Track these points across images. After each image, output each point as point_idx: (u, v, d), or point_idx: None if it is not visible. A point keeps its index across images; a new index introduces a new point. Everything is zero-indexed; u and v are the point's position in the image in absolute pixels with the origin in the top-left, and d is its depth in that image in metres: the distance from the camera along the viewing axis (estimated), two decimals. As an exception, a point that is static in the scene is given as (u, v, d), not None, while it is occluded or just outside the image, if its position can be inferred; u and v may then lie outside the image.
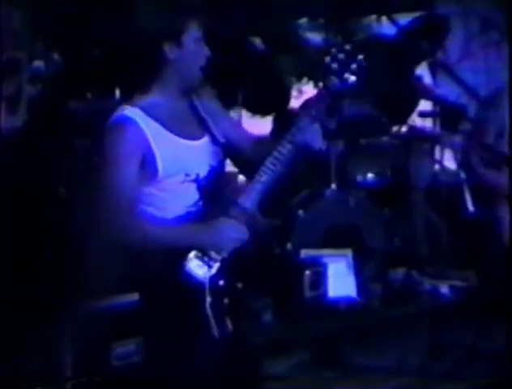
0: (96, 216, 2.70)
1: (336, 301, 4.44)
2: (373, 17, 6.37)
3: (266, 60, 5.24)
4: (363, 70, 2.66)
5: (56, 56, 5.66)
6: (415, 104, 5.12)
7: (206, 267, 2.66)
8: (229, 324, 2.65)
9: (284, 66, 5.77)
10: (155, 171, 2.64)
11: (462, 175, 4.38)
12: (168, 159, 2.65)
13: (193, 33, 2.69)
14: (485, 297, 4.57)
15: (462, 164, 4.44)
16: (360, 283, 4.51)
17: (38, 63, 5.59)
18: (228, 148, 2.82)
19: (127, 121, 2.64)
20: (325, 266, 4.39)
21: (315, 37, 6.48)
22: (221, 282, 2.67)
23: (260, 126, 5.39)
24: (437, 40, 5.21)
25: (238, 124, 3.02)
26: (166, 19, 2.71)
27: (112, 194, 2.64)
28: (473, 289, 4.70)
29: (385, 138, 4.98)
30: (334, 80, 2.69)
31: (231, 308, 2.67)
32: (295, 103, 6.37)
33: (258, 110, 5.23)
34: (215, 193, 2.72)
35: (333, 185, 4.69)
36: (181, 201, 2.70)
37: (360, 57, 2.66)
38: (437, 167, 5.06)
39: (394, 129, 5.14)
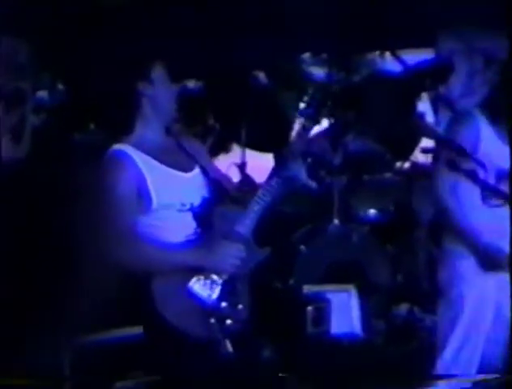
0: (97, 246, 2.72)
1: (339, 338, 4.43)
2: (377, 53, 6.43)
3: (269, 95, 5.27)
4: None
5: (60, 86, 5.71)
6: (417, 140, 5.14)
7: (208, 290, 2.77)
8: (230, 346, 2.75)
9: (287, 100, 5.81)
10: (149, 201, 2.75)
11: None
12: (161, 188, 2.77)
13: (159, 71, 2.86)
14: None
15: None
16: (363, 319, 4.49)
17: (42, 94, 5.63)
18: (219, 183, 2.97)
19: (121, 154, 2.78)
20: (328, 302, 4.38)
21: (318, 72, 6.53)
22: (223, 304, 2.79)
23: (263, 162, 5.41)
24: (440, 79, 5.25)
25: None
26: (136, 57, 2.95)
27: (112, 224, 2.67)
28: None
29: (388, 174, 5.00)
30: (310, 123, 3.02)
31: (233, 329, 2.79)
32: (299, 138, 6.41)
33: (260, 146, 5.25)
34: (211, 220, 2.84)
35: (336, 221, 4.70)
36: (181, 230, 2.81)
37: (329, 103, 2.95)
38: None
39: (397, 165, 5.16)
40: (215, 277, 2.79)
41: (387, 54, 6.26)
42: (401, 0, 5.64)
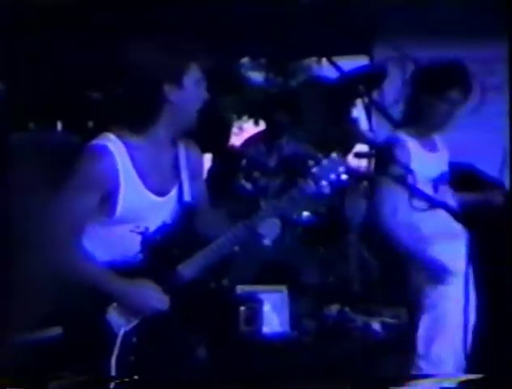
0: (38, 244, 2.61)
1: (271, 337, 4.48)
2: (313, 59, 6.53)
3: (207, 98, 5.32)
4: (339, 181, 2.75)
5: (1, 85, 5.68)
6: (350, 145, 5.23)
7: (124, 320, 2.66)
8: (129, 383, 2.57)
9: (225, 103, 5.87)
10: (112, 212, 2.63)
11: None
12: (128, 206, 2.63)
13: (194, 75, 2.65)
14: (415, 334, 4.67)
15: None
16: (294, 319, 4.55)
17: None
18: (189, 209, 2.79)
19: (107, 153, 2.60)
20: (260, 302, 4.43)
21: (256, 76, 6.61)
22: (134, 339, 2.67)
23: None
24: (374, 85, 5.35)
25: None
26: (168, 58, 2.65)
27: (63, 221, 2.62)
28: (403, 326, 4.79)
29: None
30: (311, 184, 2.75)
31: (135, 366, 2.65)
32: (235, 140, 6.48)
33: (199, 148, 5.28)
34: (156, 251, 2.71)
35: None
36: (123, 249, 2.69)
37: (342, 169, 2.74)
38: (370, 206, 5.16)
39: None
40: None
41: (323, 60, 6.37)
42: (338, 8, 5.74)
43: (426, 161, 4.07)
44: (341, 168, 2.75)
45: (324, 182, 2.74)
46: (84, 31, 5.24)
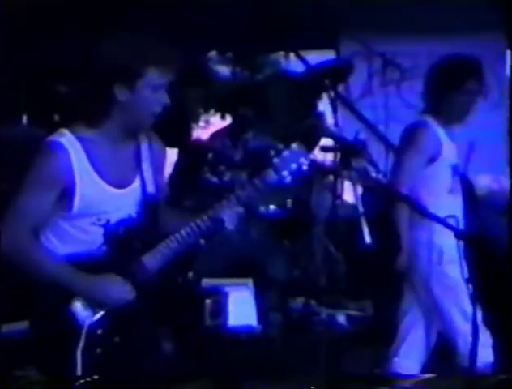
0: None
1: (236, 330, 4.49)
2: (280, 53, 6.54)
3: (173, 91, 5.31)
4: (300, 171, 2.76)
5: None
6: (316, 139, 5.25)
7: (89, 312, 2.66)
8: (94, 374, 2.63)
9: (192, 97, 5.85)
10: (69, 207, 2.62)
11: (360, 208, 4.52)
12: (87, 200, 2.62)
13: (149, 79, 2.60)
14: (380, 326, 4.71)
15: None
16: (260, 312, 4.57)
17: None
18: (152, 200, 2.77)
19: (61, 150, 2.59)
20: (225, 295, 4.44)
21: (223, 70, 6.60)
22: (99, 331, 2.67)
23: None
24: (340, 80, 5.37)
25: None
26: (122, 60, 2.61)
27: (17, 214, 2.62)
28: (368, 318, 4.84)
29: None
30: (272, 174, 2.73)
31: (102, 358, 2.66)
32: (202, 134, 6.48)
33: (164, 142, 5.27)
34: (120, 242, 2.71)
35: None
36: (86, 242, 2.68)
37: (303, 159, 2.76)
38: (336, 200, 5.18)
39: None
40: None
41: (290, 54, 6.39)
42: (305, 2, 5.76)
43: (450, 149, 4.11)
44: (302, 159, 2.77)
45: (285, 172, 2.74)
46: (46, 28, 5.23)
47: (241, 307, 4.51)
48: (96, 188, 2.65)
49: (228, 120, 6.19)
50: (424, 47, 6.14)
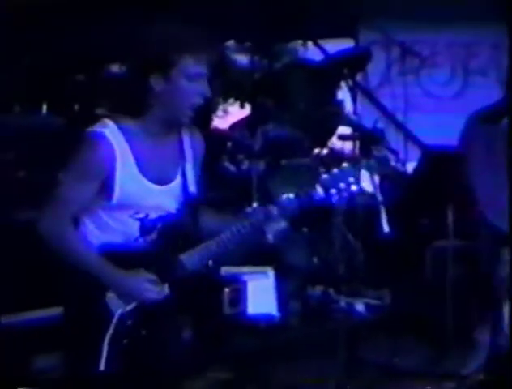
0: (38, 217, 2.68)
1: (255, 319, 4.50)
2: (299, 42, 6.54)
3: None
4: (347, 193, 2.73)
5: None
6: (335, 127, 5.25)
7: (121, 303, 2.67)
8: (121, 361, 2.65)
9: (211, 87, 5.86)
10: (109, 198, 2.62)
11: (379, 197, 4.51)
12: (126, 193, 2.61)
13: (184, 68, 2.56)
14: (398, 315, 4.72)
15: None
16: (279, 300, 4.57)
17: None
18: (193, 199, 2.75)
19: (104, 141, 2.58)
20: (244, 283, 4.44)
21: (241, 59, 6.61)
22: (129, 322, 2.68)
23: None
24: (359, 68, 5.37)
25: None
26: (153, 48, 2.59)
27: (58, 202, 2.64)
28: (387, 307, 4.84)
29: (305, 160, 5.07)
30: (320, 191, 2.74)
31: (127, 349, 2.66)
32: (221, 123, 6.49)
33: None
34: (156, 239, 2.70)
35: (254, 204, 4.76)
36: (123, 233, 2.68)
37: (352, 180, 2.72)
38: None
39: (315, 151, 5.26)
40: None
41: (309, 43, 6.38)
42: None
43: None
44: (351, 179, 2.73)
45: (333, 190, 2.72)
46: (75, 15, 5.24)
47: (260, 295, 4.51)
48: (136, 183, 2.63)
49: (247, 109, 6.19)
50: (442, 35, 6.13)
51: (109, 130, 2.60)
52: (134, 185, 2.62)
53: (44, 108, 5.80)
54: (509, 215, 3.61)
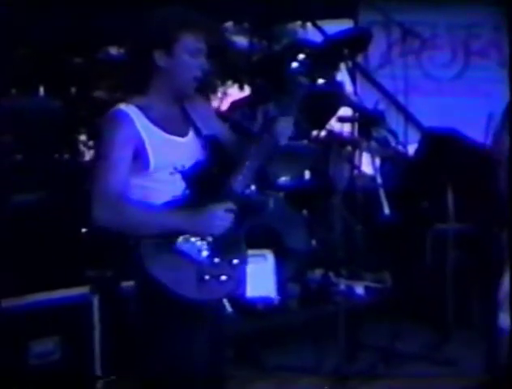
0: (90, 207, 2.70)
1: (254, 302, 4.49)
2: (298, 23, 6.49)
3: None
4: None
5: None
6: (335, 109, 5.21)
7: (198, 247, 2.70)
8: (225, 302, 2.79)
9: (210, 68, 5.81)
10: (146, 165, 2.72)
11: (379, 179, 4.50)
12: (159, 154, 2.73)
13: (187, 44, 2.72)
14: (398, 298, 4.71)
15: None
16: (278, 283, 4.56)
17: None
18: (212, 142, 2.89)
19: (124, 116, 2.71)
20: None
21: (240, 41, 6.56)
22: (216, 259, 2.72)
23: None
24: (359, 49, 5.33)
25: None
26: (156, 26, 2.74)
27: (108, 186, 2.68)
28: (387, 290, 4.83)
29: (304, 142, 5.05)
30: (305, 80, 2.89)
31: (228, 285, 2.76)
32: (220, 105, 6.45)
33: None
34: (201, 182, 2.79)
35: (252, 187, 4.73)
36: (170, 191, 2.76)
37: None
38: (354, 171, 5.16)
39: (314, 133, 5.22)
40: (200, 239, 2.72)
41: (308, 24, 6.34)
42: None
43: None
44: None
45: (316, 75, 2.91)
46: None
47: (259, 278, 4.49)
48: (162, 140, 2.76)
49: (246, 91, 6.15)
50: (443, 17, 6.09)
51: (126, 107, 2.73)
52: (164, 144, 2.75)
53: (42, 90, 5.78)
54: (509, 209, 3.59)
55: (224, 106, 5.77)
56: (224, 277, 2.73)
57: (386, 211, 4.42)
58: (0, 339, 3.58)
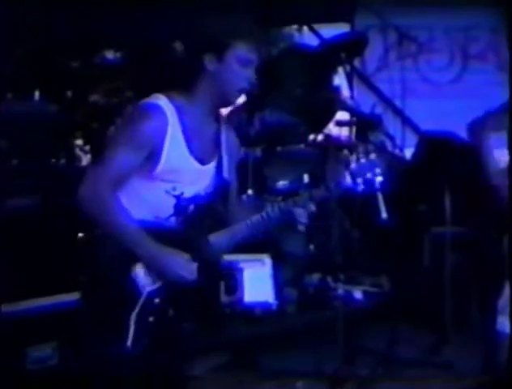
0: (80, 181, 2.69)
1: (252, 306, 4.49)
2: (294, 27, 6.48)
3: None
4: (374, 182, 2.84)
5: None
6: (332, 113, 5.21)
7: (150, 280, 2.69)
8: (146, 339, 2.68)
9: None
10: (152, 168, 2.68)
11: (376, 184, 4.48)
12: (169, 166, 2.68)
13: (238, 53, 2.70)
14: (397, 302, 4.70)
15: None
16: (276, 288, 4.56)
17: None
18: (226, 184, 2.87)
19: (159, 112, 2.67)
20: (241, 271, 4.43)
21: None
22: (156, 300, 2.71)
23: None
24: (356, 53, 5.33)
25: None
26: (212, 30, 2.77)
27: (105, 167, 2.66)
28: (385, 294, 4.83)
29: (302, 146, 5.05)
30: (348, 180, 2.84)
31: (154, 327, 2.69)
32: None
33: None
34: (188, 219, 2.75)
35: (250, 191, 4.74)
36: (157, 209, 2.73)
37: (378, 170, 2.83)
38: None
39: (311, 137, 5.23)
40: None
41: (304, 28, 6.33)
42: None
43: None
44: (377, 170, 2.84)
45: (359, 180, 2.83)
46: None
47: (257, 283, 4.49)
48: (182, 156, 2.72)
49: (243, 96, 6.13)
50: (440, 20, 6.08)
51: (163, 102, 2.70)
52: (179, 158, 2.71)
53: (37, 95, 5.77)
54: (509, 211, 3.59)
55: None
56: (151, 319, 2.68)
57: (384, 215, 4.40)
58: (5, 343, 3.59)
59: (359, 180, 2.82)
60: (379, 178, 2.83)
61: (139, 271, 2.68)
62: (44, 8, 5.19)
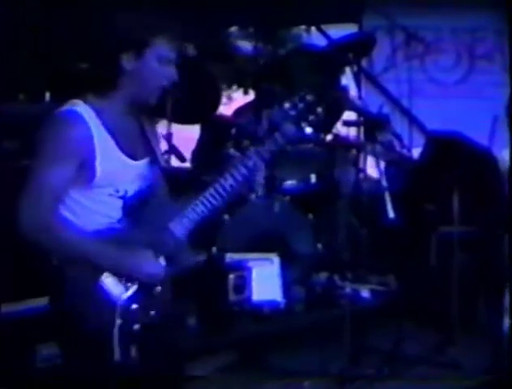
0: (17, 213, 2.57)
1: (260, 305, 4.49)
2: (303, 28, 6.52)
3: (196, 67, 5.28)
4: (320, 123, 2.74)
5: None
6: (340, 113, 5.23)
7: (122, 287, 2.63)
8: (134, 351, 2.61)
9: (214, 73, 5.83)
10: (91, 178, 2.58)
11: (384, 183, 4.50)
12: (106, 170, 2.58)
13: (158, 51, 2.61)
14: (404, 301, 4.70)
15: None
16: (284, 287, 4.56)
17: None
18: (165, 173, 2.81)
19: (78, 118, 2.55)
20: (249, 270, 4.44)
21: (245, 45, 6.59)
22: (134, 306, 2.64)
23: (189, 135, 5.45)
24: (363, 53, 5.34)
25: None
26: (129, 28, 2.62)
27: (40, 190, 2.54)
28: (392, 293, 4.83)
29: (310, 146, 5.06)
30: (291, 127, 2.76)
31: (142, 333, 2.63)
32: (225, 109, 6.46)
33: (186, 119, 5.22)
34: (141, 214, 2.68)
35: (258, 191, 4.75)
36: (105, 215, 2.65)
37: (320, 110, 2.74)
38: (359, 175, 5.17)
39: (320, 137, 5.23)
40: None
41: (312, 29, 6.36)
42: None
43: None
44: (319, 109, 2.76)
45: (304, 124, 2.77)
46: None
47: (265, 282, 4.50)
48: (116, 158, 2.62)
49: (251, 96, 6.17)
50: (447, 21, 6.10)
51: (81, 107, 2.58)
52: (114, 160, 2.61)
53: (48, 96, 5.78)
54: (509, 209, 3.60)
55: (229, 113, 5.78)
56: (136, 326, 2.62)
57: (391, 214, 4.42)
58: (6, 343, 3.59)
59: (303, 124, 2.76)
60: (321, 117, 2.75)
61: (108, 281, 2.60)
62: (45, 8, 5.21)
